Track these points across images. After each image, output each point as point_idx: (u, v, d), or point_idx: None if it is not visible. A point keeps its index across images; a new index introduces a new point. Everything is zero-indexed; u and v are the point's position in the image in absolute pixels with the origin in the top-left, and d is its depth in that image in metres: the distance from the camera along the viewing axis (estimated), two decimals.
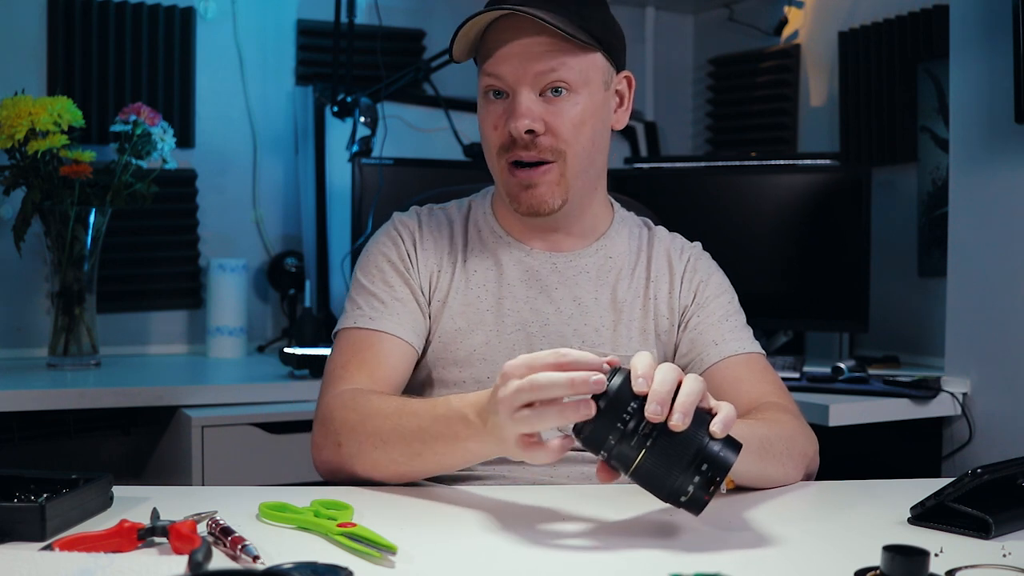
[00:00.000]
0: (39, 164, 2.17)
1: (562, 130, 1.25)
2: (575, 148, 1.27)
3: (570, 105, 1.25)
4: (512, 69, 1.24)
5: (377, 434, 1.13)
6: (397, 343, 1.29)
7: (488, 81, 1.27)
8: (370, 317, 1.29)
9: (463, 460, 1.11)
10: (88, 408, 2.07)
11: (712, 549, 0.93)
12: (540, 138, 1.25)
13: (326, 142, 2.67)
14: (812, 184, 2.53)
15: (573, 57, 1.24)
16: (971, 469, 0.97)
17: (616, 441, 0.91)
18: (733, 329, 1.35)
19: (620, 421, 0.91)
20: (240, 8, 2.70)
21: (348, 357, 1.28)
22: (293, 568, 0.82)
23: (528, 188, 1.27)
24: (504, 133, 1.26)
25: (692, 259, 1.39)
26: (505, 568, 0.88)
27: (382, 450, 1.13)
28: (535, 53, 1.23)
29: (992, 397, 2.09)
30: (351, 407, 1.18)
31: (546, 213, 1.29)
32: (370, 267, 1.35)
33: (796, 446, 1.21)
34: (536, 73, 1.24)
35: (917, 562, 0.79)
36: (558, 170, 1.27)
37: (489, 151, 1.30)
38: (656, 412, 0.89)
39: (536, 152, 1.26)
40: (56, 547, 0.85)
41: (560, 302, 1.34)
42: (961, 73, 2.14)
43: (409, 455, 1.11)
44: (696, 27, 3.32)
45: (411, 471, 1.13)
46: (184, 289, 2.67)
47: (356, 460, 1.15)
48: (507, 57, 1.24)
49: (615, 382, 0.92)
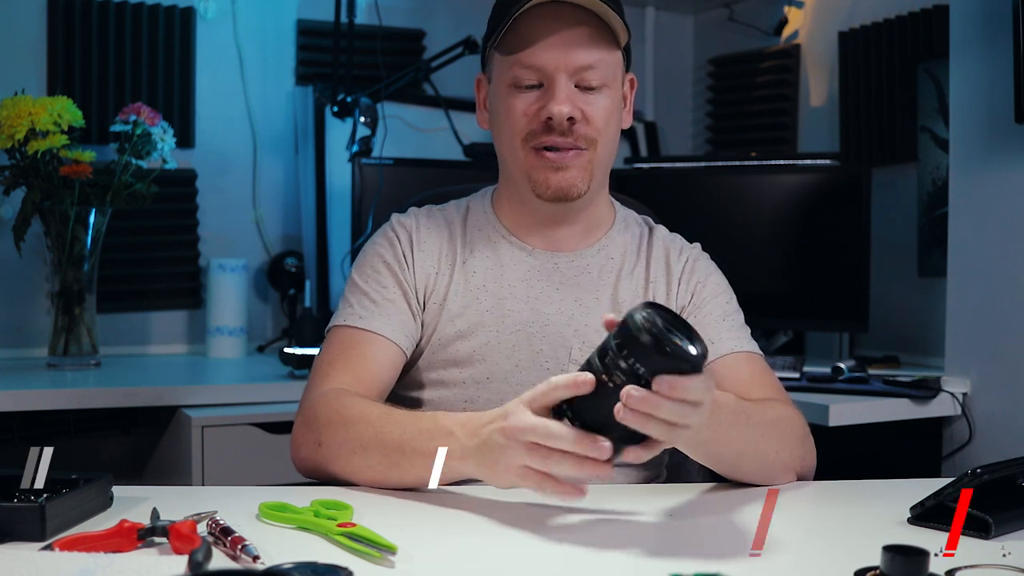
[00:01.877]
0: (39, 164, 2.17)
1: (597, 120, 1.27)
2: (604, 139, 1.29)
3: (603, 97, 1.28)
4: (553, 58, 1.24)
5: (358, 439, 1.13)
6: (385, 344, 1.29)
7: (521, 72, 1.26)
8: (360, 316, 1.30)
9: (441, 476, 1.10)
10: (88, 408, 2.07)
11: (712, 549, 0.94)
12: (576, 125, 1.26)
13: (326, 142, 2.67)
14: (812, 184, 2.53)
15: (607, 53, 1.27)
16: (971, 469, 0.97)
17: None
18: (731, 328, 1.35)
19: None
20: (240, 8, 2.70)
21: (335, 355, 1.28)
22: (293, 568, 0.82)
23: (559, 170, 1.28)
24: (537, 120, 1.26)
25: (690, 260, 1.39)
26: (505, 568, 0.88)
27: (361, 455, 1.13)
28: (576, 44, 1.24)
29: (992, 397, 2.09)
30: (335, 407, 1.18)
31: (573, 197, 1.30)
32: (365, 267, 1.35)
33: (792, 431, 1.22)
34: (578, 65, 1.25)
35: (917, 562, 0.79)
36: (588, 157, 1.29)
37: (511, 139, 1.29)
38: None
39: (572, 139, 1.27)
40: (56, 547, 0.85)
41: (561, 302, 1.34)
42: (961, 73, 2.14)
43: (388, 464, 1.11)
44: (696, 27, 3.32)
45: (387, 480, 1.13)
46: (184, 289, 2.67)
47: (334, 462, 1.15)
48: (549, 46, 1.24)
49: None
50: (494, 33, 1.28)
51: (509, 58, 1.27)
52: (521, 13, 1.24)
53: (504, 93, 1.29)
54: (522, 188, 1.32)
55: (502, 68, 1.29)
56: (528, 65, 1.26)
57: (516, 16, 1.24)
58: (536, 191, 1.30)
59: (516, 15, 1.24)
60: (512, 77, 1.27)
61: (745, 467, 1.18)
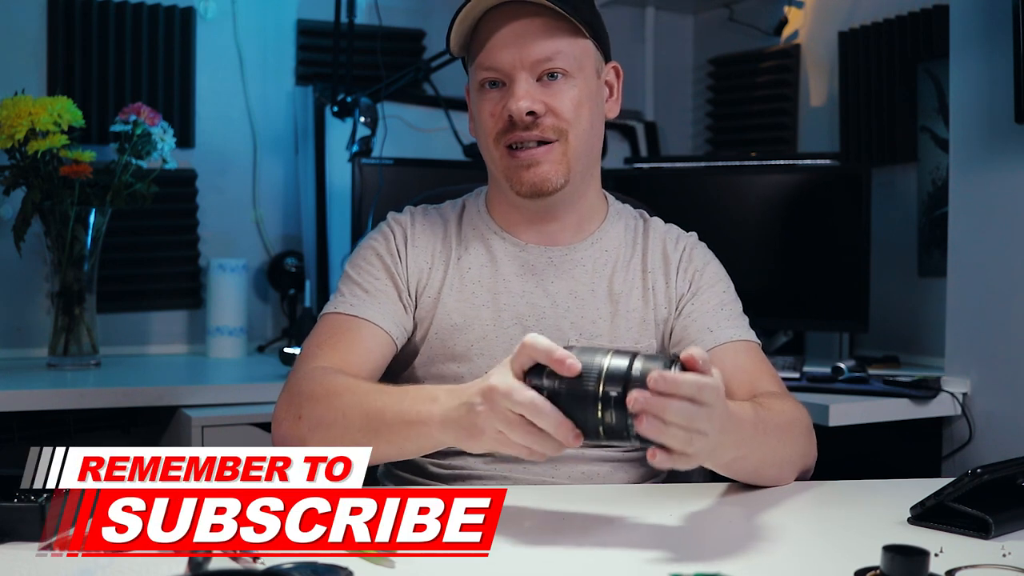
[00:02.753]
0: (39, 164, 2.16)
1: (563, 110, 1.27)
2: (576, 128, 1.29)
3: (568, 87, 1.27)
4: (509, 56, 1.25)
5: (340, 408, 1.14)
6: (374, 330, 1.29)
7: (483, 74, 1.28)
8: (351, 304, 1.31)
9: (418, 446, 1.11)
10: (88, 408, 2.07)
11: (712, 549, 0.94)
12: (542, 119, 1.26)
13: (326, 142, 2.67)
14: (812, 184, 2.53)
15: (567, 42, 1.27)
16: (971, 469, 0.97)
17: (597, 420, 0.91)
18: (729, 317, 1.35)
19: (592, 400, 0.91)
20: (240, 8, 2.70)
21: (324, 338, 1.29)
22: (293, 568, 0.82)
23: (531, 167, 1.28)
24: (503, 118, 1.27)
25: (688, 249, 1.40)
26: (505, 568, 0.88)
27: (341, 426, 1.13)
28: (531, 38, 1.25)
29: (992, 397, 2.09)
30: (318, 381, 1.19)
31: (549, 192, 1.29)
32: (358, 259, 1.37)
33: (797, 426, 1.22)
34: (534, 60, 1.25)
35: (917, 562, 0.79)
36: (560, 149, 1.28)
37: (486, 139, 1.31)
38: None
39: (538, 132, 1.27)
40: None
41: (556, 295, 1.34)
42: (961, 73, 2.14)
43: (367, 432, 1.11)
44: (696, 27, 3.32)
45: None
46: (184, 289, 2.67)
47: (313, 433, 1.15)
48: (503, 44, 1.26)
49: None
50: (447, 39, 1.30)
51: (474, 62, 1.30)
52: (482, 17, 1.27)
53: (476, 97, 1.31)
54: (504, 188, 1.33)
55: (472, 73, 1.32)
56: (488, 66, 1.27)
57: (478, 21, 1.27)
58: (514, 189, 1.31)
59: (461, 17, 1.26)
60: (478, 80, 1.30)
61: (765, 474, 1.18)
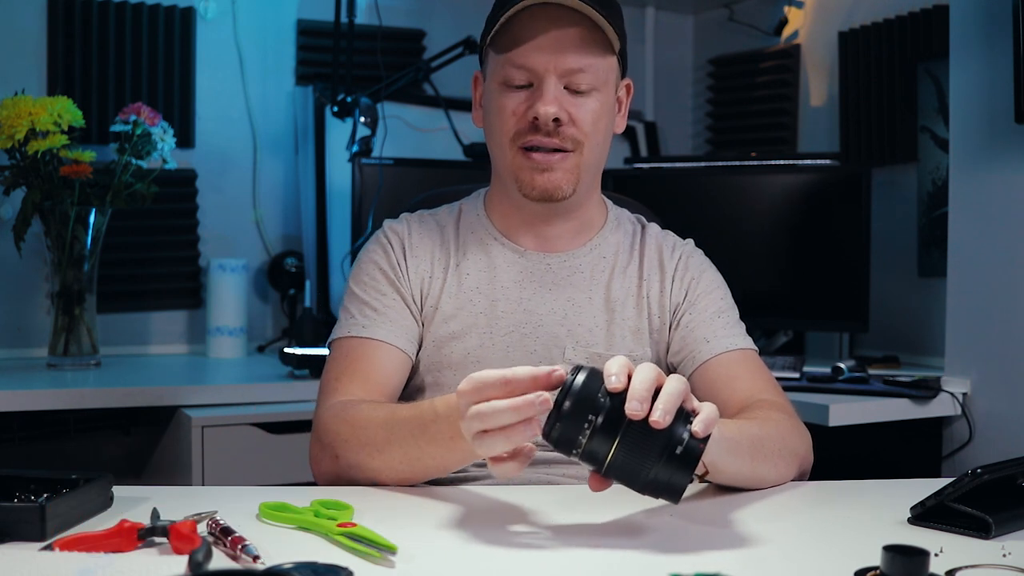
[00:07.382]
0: (39, 164, 2.17)
1: (584, 122, 1.27)
2: (592, 142, 1.29)
3: (592, 100, 1.28)
4: (544, 59, 1.25)
5: (372, 444, 1.14)
6: (390, 351, 1.29)
7: (512, 72, 1.27)
8: (363, 326, 1.30)
9: (459, 459, 1.11)
10: (88, 408, 2.08)
11: (712, 549, 0.93)
12: (564, 127, 1.26)
13: (326, 142, 2.67)
14: (812, 184, 2.53)
15: (599, 58, 1.27)
16: (971, 469, 0.97)
17: (586, 439, 0.90)
18: (725, 326, 1.35)
19: (586, 421, 0.90)
20: (240, 8, 2.70)
21: (342, 368, 1.28)
22: (293, 568, 0.82)
23: (544, 172, 1.28)
24: (525, 119, 1.27)
25: (683, 257, 1.40)
26: (505, 568, 0.88)
27: (380, 459, 1.14)
28: (568, 46, 1.25)
29: (992, 397, 2.09)
30: (343, 419, 1.19)
31: (559, 199, 1.30)
32: (362, 275, 1.35)
33: (789, 445, 1.21)
34: (567, 68, 1.25)
35: (917, 562, 0.79)
36: (574, 160, 1.29)
37: (500, 137, 1.30)
38: (636, 409, 0.88)
39: (558, 140, 1.27)
40: (56, 547, 0.85)
41: (554, 303, 1.34)
42: (961, 73, 2.14)
43: (409, 460, 1.12)
44: (696, 27, 3.32)
45: (413, 474, 1.14)
46: (184, 289, 2.67)
47: (356, 471, 1.16)
48: (539, 47, 1.25)
49: (579, 380, 0.91)
50: (488, 31, 1.29)
51: (501, 57, 1.28)
52: (517, 13, 1.25)
53: (496, 92, 1.30)
54: (510, 187, 1.33)
55: (495, 67, 1.30)
56: (519, 65, 1.26)
57: (511, 16, 1.25)
58: (523, 191, 1.30)
59: (509, 14, 1.25)
60: (503, 76, 1.28)
61: (764, 479, 1.18)
